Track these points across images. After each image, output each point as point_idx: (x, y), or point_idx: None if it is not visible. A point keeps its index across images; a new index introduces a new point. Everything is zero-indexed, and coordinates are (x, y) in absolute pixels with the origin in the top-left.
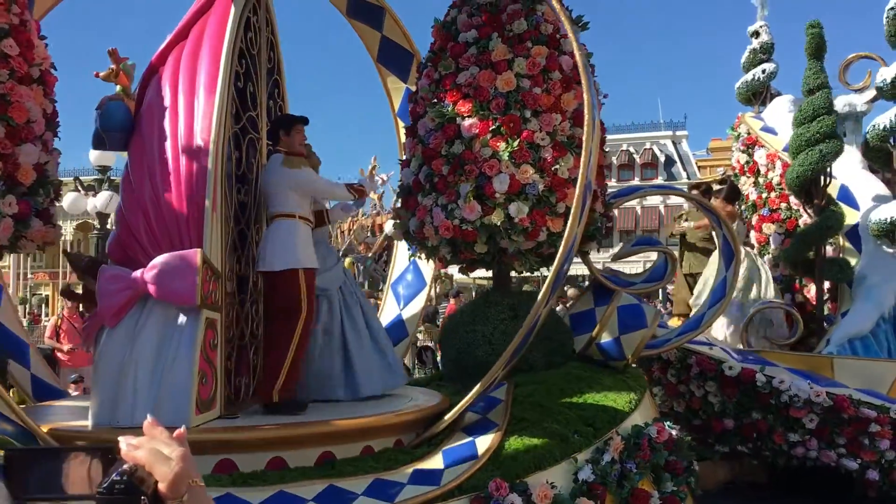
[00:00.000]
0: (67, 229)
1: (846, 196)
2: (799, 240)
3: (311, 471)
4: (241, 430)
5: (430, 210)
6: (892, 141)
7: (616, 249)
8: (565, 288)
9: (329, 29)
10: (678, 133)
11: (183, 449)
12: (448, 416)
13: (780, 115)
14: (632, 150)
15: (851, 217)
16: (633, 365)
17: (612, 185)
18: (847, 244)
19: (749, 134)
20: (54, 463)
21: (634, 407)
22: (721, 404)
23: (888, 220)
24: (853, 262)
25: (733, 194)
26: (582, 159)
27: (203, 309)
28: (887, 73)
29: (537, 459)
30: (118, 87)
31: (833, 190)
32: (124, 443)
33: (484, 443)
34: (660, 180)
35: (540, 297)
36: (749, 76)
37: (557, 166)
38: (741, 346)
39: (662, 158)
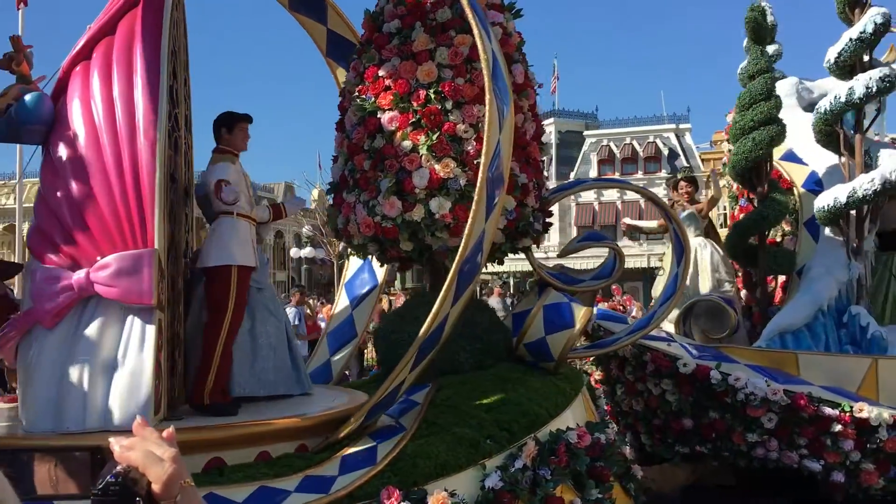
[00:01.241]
0: None
1: (815, 183)
2: (738, 229)
3: (196, 478)
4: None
5: (353, 207)
6: (841, 124)
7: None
8: None
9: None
10: (682, 126)
11: (174, 450)
12: (352, 420)
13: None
14: (635, 143)
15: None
16: (580, 365)
17: (614, 179)
18: (806, 233)
19: None
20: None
21: (559, 410)
22: (678, 403)
23: (825, 208)
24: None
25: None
26: (484, 150)
27: (155, 309)
28: (831, 52)
29: (440, 466)
30: (16, 76)
31: (802, 176)
32: (117, 444)
33: (386, 448)
34: (664, 174)
35: (440, 299)
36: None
37: (481, 160)
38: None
39: (666, 152)
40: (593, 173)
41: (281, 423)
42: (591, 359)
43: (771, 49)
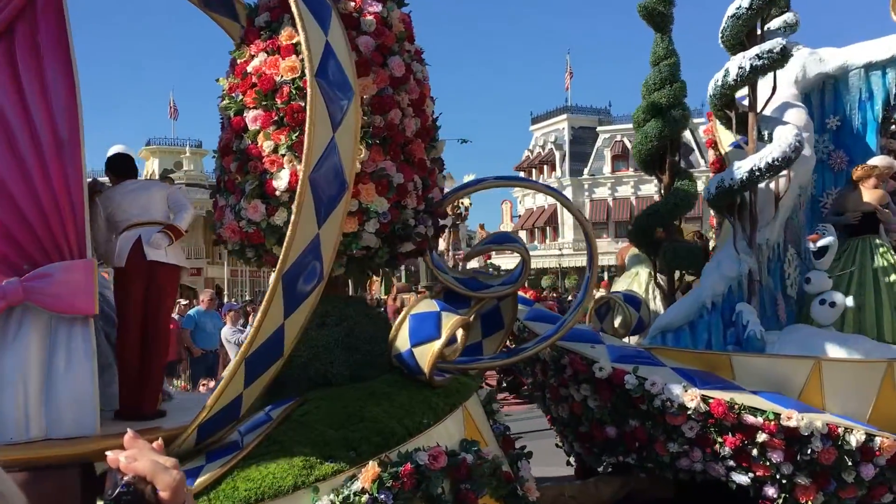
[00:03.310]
0: None
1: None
2: (641, 219)
3: None
4: None
5: (224, 211)
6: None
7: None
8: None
9: None
10: (695, 121)
11: (174, 458)
12: (180, 440)
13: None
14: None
15: None
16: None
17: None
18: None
19: None
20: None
21: (423, 428)
22: (599, 410)
23: (712, 192)
24: None
25: None
26: (305, 149)
27: (90, 318)
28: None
29: (264, 489)
30: None
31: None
32: (122, 455)
33: (210, 470)
34: None
35: (261, 311)
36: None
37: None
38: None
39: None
40: (607, 169)
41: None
42: None
43: (778, 22)
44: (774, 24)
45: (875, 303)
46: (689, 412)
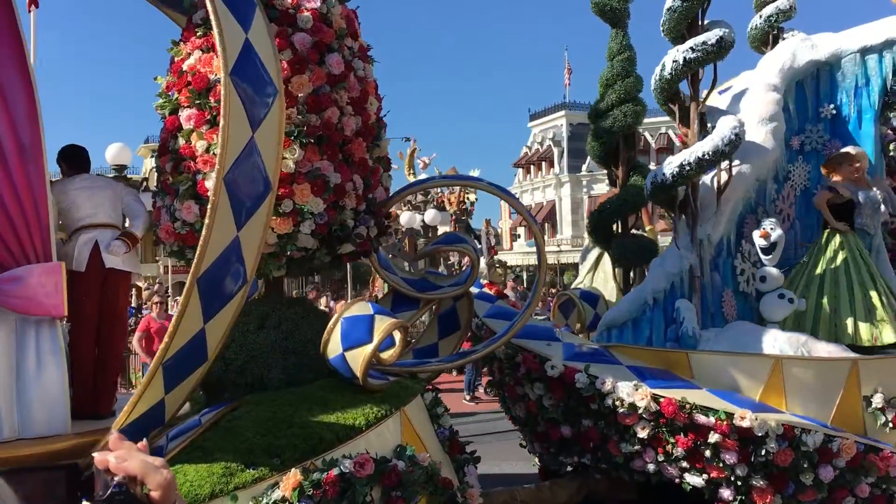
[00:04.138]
0: None
1: None
2: (598, 215)
3: None
4: None
5: (161, 211)
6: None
7: None
8: None
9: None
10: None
11: (163, 458)
12: (98, 447)
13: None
14: (647, 135)
15: None
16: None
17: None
18: None
19: None
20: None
21: (355, 434)
22: (553, 409)
23: (651, 184)
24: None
25: None
26: (219, 149)
27: (56, 319)
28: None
29: (182, 496)
30: None
31: None
32: (111, 456)
33: None
34: None
35: (177, 315)
36: (757, 19)
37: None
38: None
39: (678, 143)
40: None
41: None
42: None
43: (770, 9)
44: (767, 11)
45: (816, 300)
46: (639, 411)
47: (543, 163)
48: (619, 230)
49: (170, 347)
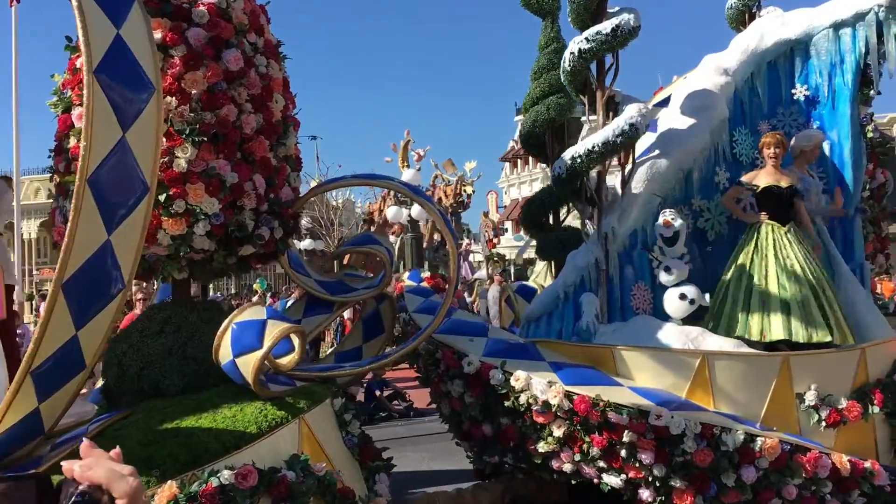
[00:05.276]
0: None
1: None
2: (526, 207)
3: None
4: None
5: (55, 212)
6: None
7: None
8: None
9: None
10: None
11: (132, 466)
12: None
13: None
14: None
15: None
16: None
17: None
18: None
19: None
20: None
21: (245, 443)
22: (472, 406)
23: (555, 174)
24: None
25: None
26: (82, 150)
27: None
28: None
29: None
30: None
31: None
32: (76, 465)
33: None
34: None
35: (42, 321)
36: None
37: (173, 158)
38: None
39: None
40: None
41: None
42: None
43: None
44: None
45: (724, 294)
46: (553, 409)
47: (531, 157)
48: (553, 222)
49: (36, 355)
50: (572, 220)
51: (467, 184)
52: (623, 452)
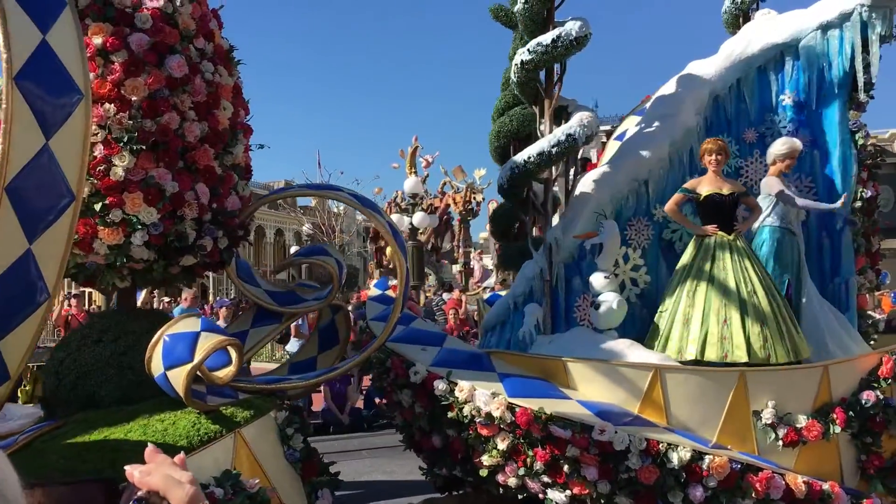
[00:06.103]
0: None
1: None
2: (492, 216)
3: None
4: None
5: None
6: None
7: None
8: None
9: None
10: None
11: (190, 473)
12: None
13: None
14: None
15: None
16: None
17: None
18: None
19: None
20: None
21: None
22: (419, 417)
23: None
24: None
25: None
26: None
27: None
28: None
29: None
30: None
31: None
32: (136, 470)
33: None
34: None
35: None
36: (727, 2)
37: (110, 166)
38: None
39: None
40: None
41: None
42: None
43: None
44: None
45: (666, 307)
46: (496, 421)
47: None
48: (517, 232)
49: None
50: None
51: (477, 191)
52: (566, 467)
